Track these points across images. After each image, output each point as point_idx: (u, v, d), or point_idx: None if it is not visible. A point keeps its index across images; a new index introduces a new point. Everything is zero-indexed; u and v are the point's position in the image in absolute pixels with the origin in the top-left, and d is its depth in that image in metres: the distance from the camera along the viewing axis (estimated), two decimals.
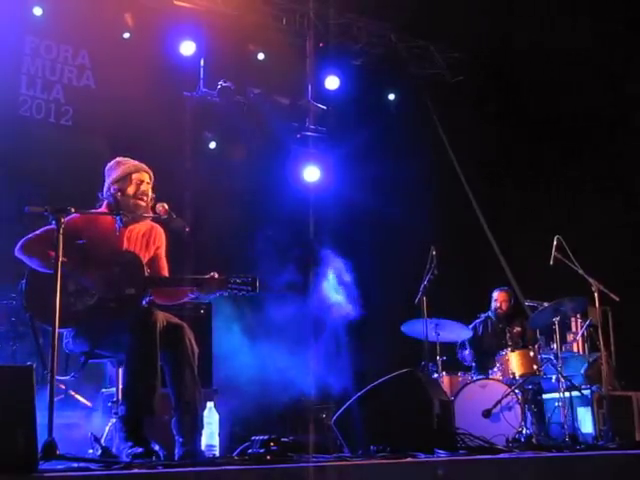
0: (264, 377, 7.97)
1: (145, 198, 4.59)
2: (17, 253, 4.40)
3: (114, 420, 4.44)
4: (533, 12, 8.28)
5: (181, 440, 4.19)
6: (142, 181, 4.61)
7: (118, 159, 4.73)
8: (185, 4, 8.30)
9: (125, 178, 4.59)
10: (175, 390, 4.31)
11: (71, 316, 4.23)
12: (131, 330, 4.19)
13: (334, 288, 8.65)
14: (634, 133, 8.64)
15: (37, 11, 7.58)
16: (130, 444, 4.03)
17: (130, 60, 7.70)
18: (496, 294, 8.14)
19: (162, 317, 4.28)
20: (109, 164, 4.73)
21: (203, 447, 4.36)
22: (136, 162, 4.69)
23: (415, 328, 7.41)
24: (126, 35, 8.08)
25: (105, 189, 4.64)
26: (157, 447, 4.12)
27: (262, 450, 4.10)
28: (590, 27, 8.07)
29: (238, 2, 8.42)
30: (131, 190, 4.57)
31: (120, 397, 4.35)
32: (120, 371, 4.52)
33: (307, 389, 8.05)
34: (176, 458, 4.12)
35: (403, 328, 7.58)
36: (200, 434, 4.32)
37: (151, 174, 4.69)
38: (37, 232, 4.39)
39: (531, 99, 8.97)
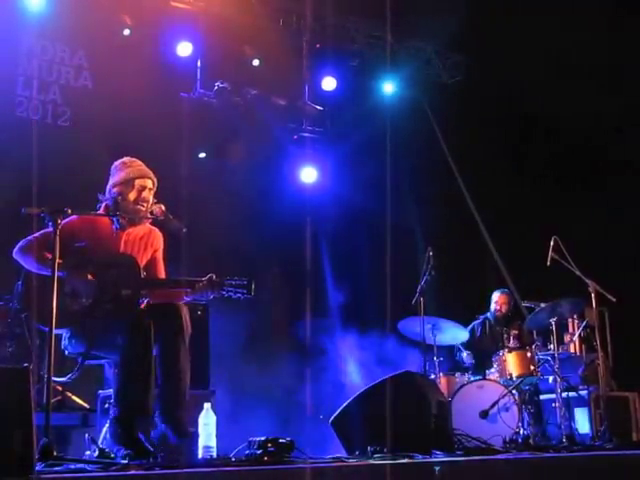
0: (261, 378, 7.98)
1: (145, 205, 4.57)
2: (15, 255, 4.40)
3: None
4: (532, 13, 8.28)
5: (162, 415, 4.16)
6: (144, 187, 4.56)
7: (125, 160, 4.66)
8: (182, 5, 8.29)
9: (128, 182, 4.54)
10: (165, 361, 4.27)
11: (67, 317, 4.22)
12: (125, 331, 4.18)
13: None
14: (634, 134, 8.65)
15: (33, 12, 7.55)
16: (125, 445, 4.03)
17: (127, 60, 7.68)
18: (496, 296, 8.14)
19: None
20: (115, 163, 4.66)
21: (200, 448, 4.35)
22: (142, 166, 4.62)
23: (412, 328, 7.40)
24: (123, 35, 8.06)
25: (107, 190, 4.61)
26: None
27: (259, 451, 4.09)
28: (591, 29, 8.07)
29: (235, 3, 8.41)
30: (132, 196, 4.53)
31: (113, 398, 4.33)
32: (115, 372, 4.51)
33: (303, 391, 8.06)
34: (154, 437, 4.10)
35: (400, 327, 7.58)
36: (185, 412, 4.28)
37: (155, 180, 4.62)
38: (36, 234, 4.39)
39: (529, 100, 8.97)
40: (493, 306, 8.12)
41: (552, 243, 7.03)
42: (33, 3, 7.52)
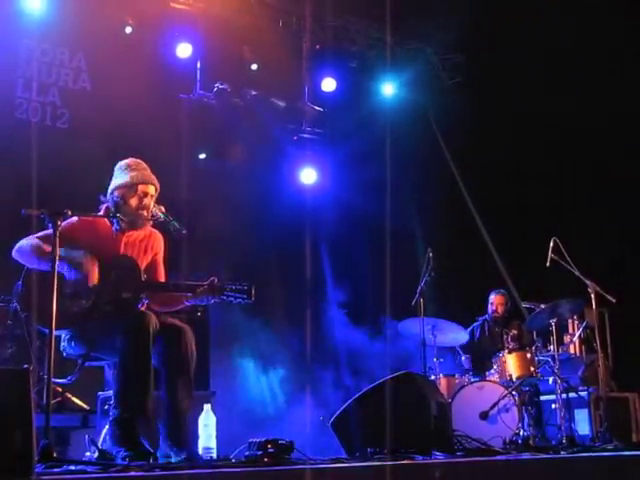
0: (261, 379, 7.99)
1: (146, 211, 4.56)
2: (14, 253, 4.39)
3: None
4: (532, 13, 8.28)
5: (173, 447, 4.18)
6: (147, 194, 4.53)
7: (130, 162, 4.62)
8: (182, 6, 8.29)
9: (130, 187, 4.51)
10: (168, 395, 4.29)
11: (67, 318, 4.22)
12: (124, 332, 4.18)
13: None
14: (632, 134, 8.65)
15: (33, 15, 7.55)
16: (124, 446, 4.03)
17: (127, 62, 7.68)
18: (492, 297, 8.14)
19: (155, 319, 4.27)
20: (120, 163, 4.64)
21: (200, 450, 4.36)
22: (146, 171, 4.59)
23: (412, 329, 7.40)
24: (122, 37, 8.05)
25: (108, 192, 4.59)
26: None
27: (259, 452, 4.09)
28: (591, 29, 8.08)
29: (235, 4, 8.42)
30: (134, 202, 4.50)
31: (113, 399, 4.32)
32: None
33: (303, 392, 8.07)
34: (159, 456, 4.12)
35: (400, 328, 7.58)
36: (188, 438, 4.29)
37: (157, 186, 4.60)
38: (36, 235, 4.37)
39: (529, 100, 8.97)
40: (490, 307, 8.12)
41: (552, 244, 7.03)
42: (33, 6, 7.52)
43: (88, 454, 4.30)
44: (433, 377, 7.21)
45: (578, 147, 9.01)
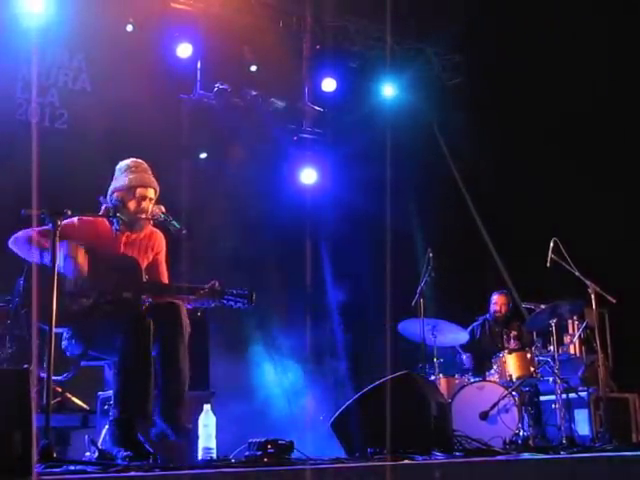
0: (261, 379, 7.98)
1: (144, 214, 4.55)
2: (11, 243, 4.39)
3: None
4: (532, 12, 8.28)
5: (169, 425, 4.16)
6: (145, 197, 4.52)
7: (130, 163, 4.60)
8: (182, 6, 8.29)
9: (129, 190, 4.50)
10: (163, 365, 4.25)
11: (67, 316, 4.21)
12: (124, 332, 4.18)
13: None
14: (634, 133, 8.64)
15: (33, 15, 7.54)
16: (124, 446, 4.02)
17: (127, 62, 7.68)
18: (495, 297, 8.15)
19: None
20: (120, 164, 4.63)
21: (200, 450, 4.36)
22: (145, 173, 4.58)
23: (412, 329, 7.40)
24: (122, 38, 8.05)
25: (108, 193, 4.58)
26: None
27: (259, 452, 4.09)
28: (590, 28, 8.08)
29: (235, 4, 8.42)
30: (132, 205, 4.50)
31: (113, 399, 4.31)
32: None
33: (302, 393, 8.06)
34: (152, 435, 4.11)
35: (400, 328, 7.58)
36: (184, 411, 4.26)
37: (157, 189, 4.59)
38: (35, 228, 4.35)
39: (530, 100, 8.96)
40: (492, 307, 8.13)
41: (552, 244, 7.04)
42: (33, 7, 7.51)
43: (88, 454, 4.29)
44: (433, 377, 7.21)
45: (579, 147, 9.00)
